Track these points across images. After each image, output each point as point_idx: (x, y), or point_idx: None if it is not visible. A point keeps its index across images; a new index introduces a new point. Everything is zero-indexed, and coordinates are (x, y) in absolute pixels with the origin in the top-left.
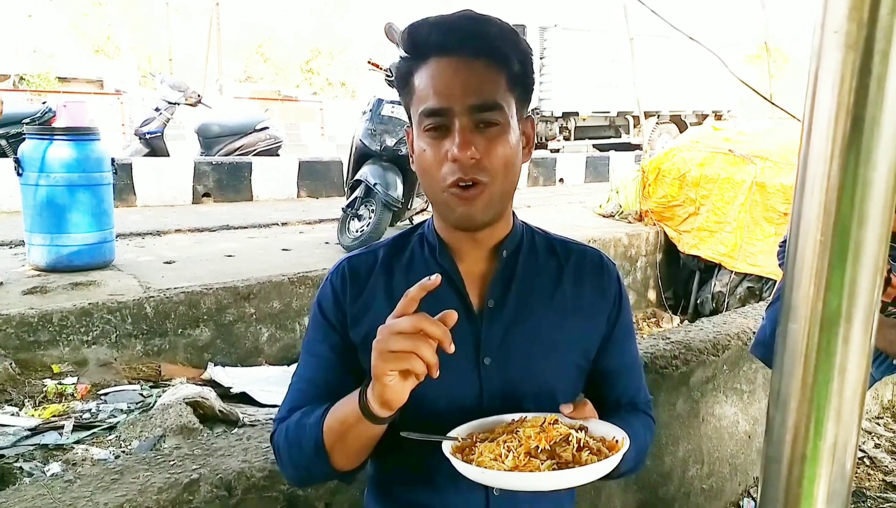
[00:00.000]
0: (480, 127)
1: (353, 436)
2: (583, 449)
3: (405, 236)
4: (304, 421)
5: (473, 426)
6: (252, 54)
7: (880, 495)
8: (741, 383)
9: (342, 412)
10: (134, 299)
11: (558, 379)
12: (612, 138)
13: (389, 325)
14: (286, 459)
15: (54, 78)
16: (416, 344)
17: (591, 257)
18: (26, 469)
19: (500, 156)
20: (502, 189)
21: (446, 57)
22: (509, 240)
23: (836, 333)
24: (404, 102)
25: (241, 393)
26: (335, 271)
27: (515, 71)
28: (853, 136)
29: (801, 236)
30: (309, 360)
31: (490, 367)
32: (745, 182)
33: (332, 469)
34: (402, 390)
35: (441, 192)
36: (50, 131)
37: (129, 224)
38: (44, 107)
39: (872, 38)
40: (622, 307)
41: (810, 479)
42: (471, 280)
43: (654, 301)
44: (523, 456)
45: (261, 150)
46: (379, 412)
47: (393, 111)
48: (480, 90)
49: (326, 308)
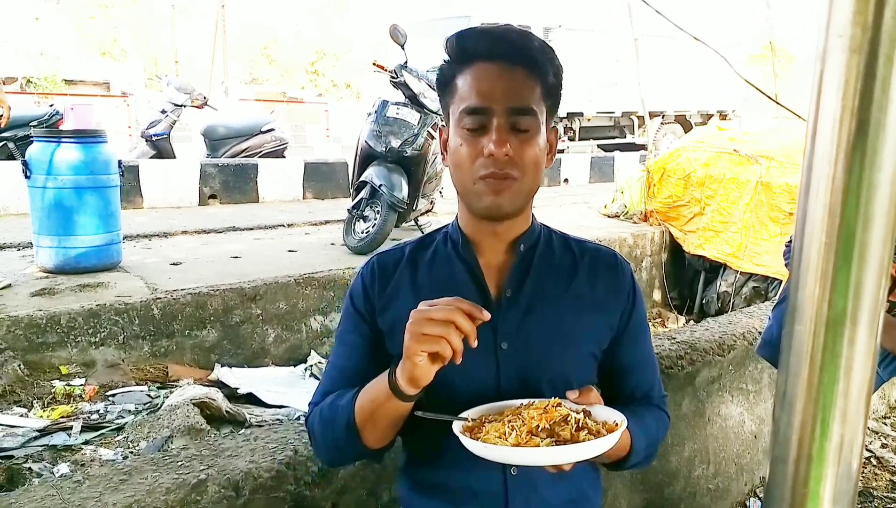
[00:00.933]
0: (515, 130)
1: (382, 414)
2: (581, 429)
3: (431, 235)
4: (336, 403)
5: (485, 409)
6: (257, 56)
7: (887, 495)
8: (747, 383)
9: (372, 392)
10: (141, 301)
11: (572, 367)
12: (616, 139)
13: (425, 311)
14: (320, 439)
15: (61, 80)
16: (447, 331)
17: (605, 255)
18: (35, 470)
19: (530, 156)
20: (529, 186)
21: (490, 63)
22: (527, 235)
23: (841, 334)
24: (443, 102)
25: (247, 394)
26: (366, 266)
27: (550, 83)
28: (858, 138)
29: (807, 237)
30: (341, 350)
31: (507, 352)
32: (750, 182)
33: (362, 446)
34: (429, 370)
35: (472, 183)
36: (57, 134)
37: (135, 226)
38: (51, 109)
39: (877, 41)
40: (636, 304)
41: (816, 479)
42: (490, 272)
43: (660, 301)
44: (525, 435)
45: (266, 151)
46: (406, 389)
47: (398, 113)
48: (519, 95)
49: (357, 300)
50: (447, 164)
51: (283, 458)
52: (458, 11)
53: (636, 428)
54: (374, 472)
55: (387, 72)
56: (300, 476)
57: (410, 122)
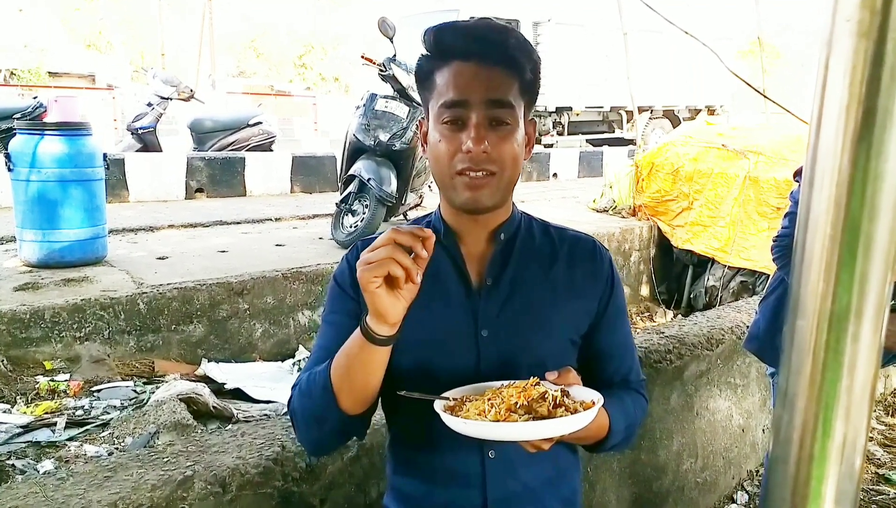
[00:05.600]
0: (493, 124)
1: (358, 365)
2: (559, 406)
3: (414, 223)
4: (314, 371)
5: (466, 390)
6: (245, 49)
7: (873, 487)
8: (735, 377)
9: (347, 346)
10: (127, 295)
11: (551, 352)
12: (605, 133)
13: (369, 246)
14: (299, 414)
15: (45, 73)
16: (391, 250)
17: (584, 242)
18: (18, 467)
19: (508, 152)
20: (508, 180)
21: (468, 62)
22: (508, 224)
23: (845, 330)
24: (423, 96)
25: (235, 389)
26: (351, 250)
27: (527, 79)
28: (865, 127)
29: (810, 230)
30: (326, 329)
31: (487, 339)
32: (738, 177)
33: (340, 411)
34: (391, 301)
35: (451, 177)
36: (41, 126)
37: (121, 220)
38: (35, 102)
39: (886, 25)
40: (614, 290)
41: (818, 479)
42: (471, 260)
43: (648, 296)
44: (504, 412)
45: (254, 145)
46: (376, 327)
47: (387, 106)
48: (497, 90)
49: (342, 279)
50: (426, 156)
51: (271, 454)
52: (447, 5)
53: (615, 410)
54: (362, 468)
55: (375, 65)
56: (288, 472)
57: (399, 115)
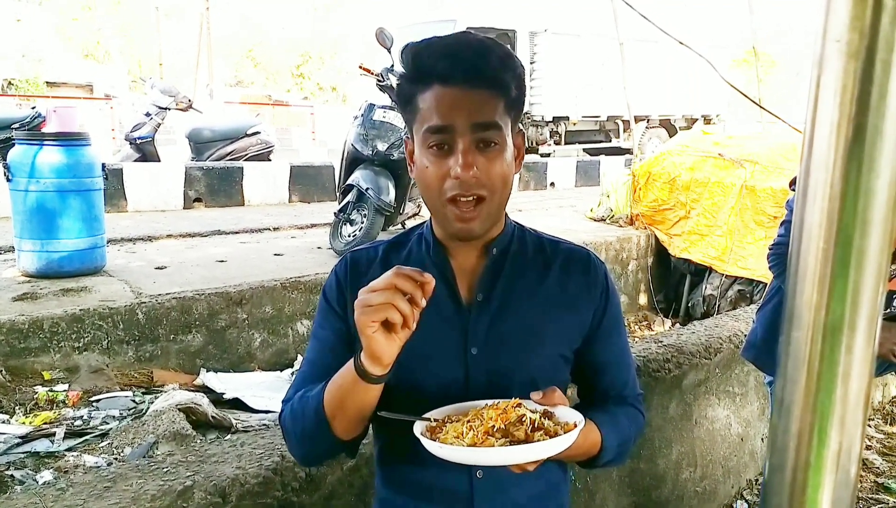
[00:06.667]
0: (481, 147)
1: (351, 400)
2: (537, 430)
3: (406, 235)
4: (307, 395)
5: (450, 410)
6: (242, 59)
7: (872, 496)
8: (733, 385)
9: (340, 378)
10: (125, 305)
11: (541, 368)
12: (602, 143)
13: (369, 286)
14: (291, 433)
15: (43, 83)
16: (390, 296)
17: (578, 254)
18: (17, 477)
19: (497, 173)
20: (498, 202)
21: (449, 86)
22: (500, 239)
23: (839, 341)
24: (406, 117)
25: (233, 399)
26: (340, 263)
27: (513, 96)
28: (855, 144)
29: (804, 243)
30: (314, 344)
31: (476, 357)
32: (734, 186)
33: (333, 436)
34: (387, 344)
35: (441, 206)
36: (40, 137)
37: (120, 230)
38: (33, 112)
39: (874, 47)
40: (609, 302)
41: (814, 487)
42: (462, 276)
43: (646, 305)
44: (482, 435)
45: (252, 154)
46: (370, 368)
47: (384, 116)
48: (481, 112)
49: (330, 295)
50: (414, 176)
51: (271, 464)
52: (444, 15)
53: (607, 427)
54: (361, 478)
55: (373, 75)
56: (287, 482)
57: (397, 125)
